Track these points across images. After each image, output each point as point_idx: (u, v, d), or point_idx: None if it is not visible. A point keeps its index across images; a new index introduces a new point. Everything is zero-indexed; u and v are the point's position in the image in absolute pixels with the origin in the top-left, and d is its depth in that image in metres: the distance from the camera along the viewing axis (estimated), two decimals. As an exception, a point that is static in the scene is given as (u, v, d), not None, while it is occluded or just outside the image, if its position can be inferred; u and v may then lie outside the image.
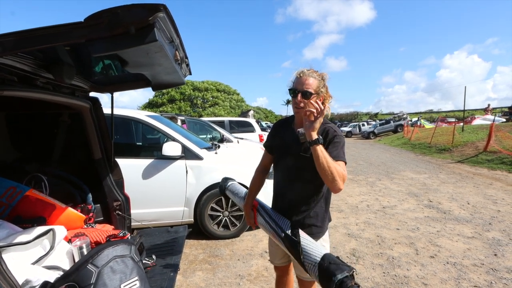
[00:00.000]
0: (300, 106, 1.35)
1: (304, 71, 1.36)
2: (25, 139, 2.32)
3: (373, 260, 2.88)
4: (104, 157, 2.19)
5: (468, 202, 4.79)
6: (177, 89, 25.75)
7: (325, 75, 1.40)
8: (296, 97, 1.35)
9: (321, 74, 1.39)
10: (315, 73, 1.36)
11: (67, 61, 1.51)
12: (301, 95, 1.33)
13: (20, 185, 1.77)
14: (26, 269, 1.27)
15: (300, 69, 1.39)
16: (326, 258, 1.15)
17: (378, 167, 8.67)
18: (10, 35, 1.00)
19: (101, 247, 1.32)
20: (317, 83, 1.34)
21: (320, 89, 1.35)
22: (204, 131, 8.10)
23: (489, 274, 2.58)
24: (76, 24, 1.00)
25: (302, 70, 1.37)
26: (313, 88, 1.33)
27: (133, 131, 3.93)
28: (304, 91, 1.32)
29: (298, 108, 1.37)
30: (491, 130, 9.42)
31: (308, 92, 1.32)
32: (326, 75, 1.40)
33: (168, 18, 1.13)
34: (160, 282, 1.60)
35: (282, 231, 1.37)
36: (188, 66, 1.81)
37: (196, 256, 3.03)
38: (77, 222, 1.88)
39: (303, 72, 1.36)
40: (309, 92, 1.32)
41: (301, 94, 1.33)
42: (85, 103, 1.99)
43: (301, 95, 1.33)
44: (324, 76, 1.39)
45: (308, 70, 1.37)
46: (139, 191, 3.10)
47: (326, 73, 1.41)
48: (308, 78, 1.33)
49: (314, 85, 1.33)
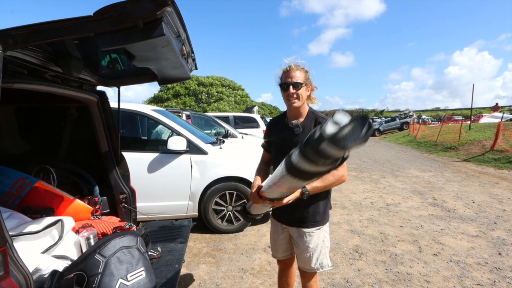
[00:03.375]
0: (293, 97, 1.44)
1: (291, 65, 1.46)
2: (33, 132, 2.36)
3: (376, 257, 2.88)
4: (110, 151, 2.22)
5: (473, 201, 4.75)
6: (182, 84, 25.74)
7: (309, 69, 1.50)
8: (288, 90, 1.44)
9: (304, 66, 1.49)
10: (300, 66, 1.47)
11: (75, 54, 1.53)
12: (292, 87, 1.43)
13: (29, 176, 1.80)
14: (36, 257, 1.31)
15: (287, 64, 1.48)
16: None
17: (382, 165, 8.63)
18: (20, 28, 1.01)
19: (108, 238, 1.35)
20: (304, 75, 1.45)
21: (307, 80, 1.47)
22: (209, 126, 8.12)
23: (493, 272, 2.57)
24: (85, 18, 1.01)
25: (289, 64, 1.47)
26: (301, 79, 1.44)
27: (138, 125, 3.96)
28: (294, 83, 1.43)
29: (291, 101, 1.45)
30: (499, 128, 9.28)
31: (298, 83, 1.43)
32: (309, 69, 1.51)
33: (176, 13, 1.13)
34: (165, 273, 1.63)
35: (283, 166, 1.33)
36: (194, 60, 1.81)
37: (200, 250, 3.07)
38: (84, 213, 1.92)
39: (289, 66, 1.46)
40: (298, 82, 1.43)
41: (292, 86, 1.43)
42: (93, 97, 2.02)
43: (292, 87, 1.43)
44: (308, 68, 1.50)
45: (294, 64, 1.47)
46: (145, 185, 3.14)
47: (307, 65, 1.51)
48: (295, 71, 1.44)
49: (302, 76, 1.44)
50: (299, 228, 1.53)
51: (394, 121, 25.41)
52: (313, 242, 1.51)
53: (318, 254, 1.53)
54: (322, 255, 1.54)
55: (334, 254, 2.94)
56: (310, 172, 1.03)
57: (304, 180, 1.12)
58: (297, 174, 1.07)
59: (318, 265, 1.54)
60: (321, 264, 1.55)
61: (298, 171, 1.04)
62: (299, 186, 1.31)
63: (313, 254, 1.52)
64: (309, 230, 1.52)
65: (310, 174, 1.06)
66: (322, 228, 1.55)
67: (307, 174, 1.05)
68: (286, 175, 1.10)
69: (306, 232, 1.52)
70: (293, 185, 1.20)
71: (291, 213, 1.53)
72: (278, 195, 1.31)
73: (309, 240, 1.51)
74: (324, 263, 1.56)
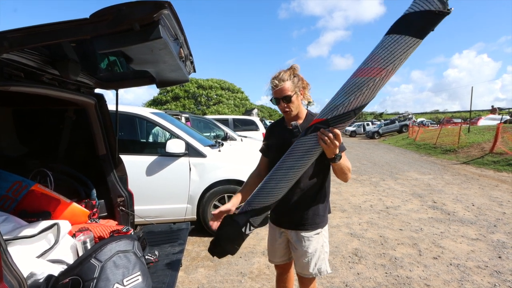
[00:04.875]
0: (286, 110, 1.46)
1: (275, 81, 1.42)
2: (31, 135, 2.35)
3: (375, 260, 2.87)
4: (108, 153, 2.20)
5: (473, 204, 4.74)
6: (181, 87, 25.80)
7: (295, 69, 1.47)
8: (279, 104, 1.46)
9: (290, 71, 1.45)
10: (285, 75, 1.43)
11: (72, 57, 1.52)
12: (283, 101, 1.44)
13: (25, 179, 1.79)
14: (31, 262, 1.29)
15: (272, 79, 1.44)
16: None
17: (382, 167, 8.62)
18: (17, 31, 1.01)
19: (105, 242, 1.33)
20: (290, 84, 1.42)
21: (295, 87, 1.43)
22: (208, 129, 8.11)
23: (493, 276, 2.56)
24: (82, 21, 1.01)
25: (273, 80, 1.43)
26: (290, 90, 1.42)
27: (137, 128, 3.95)
28: (283, 97, 1.42)
29: (285, 112, 1.48)
30: (498, 131, 9.29)
31: (287, 96, 1.42)
32: (296, 67, 1.47)
33: (173, 15, 1.13)
34: (162, 277, 1.61)
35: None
36: (192, 63, 1.81)
37: (198, 253, 3.05)
38: (81, 217, 1.90)
39: (273, 82, 1.43)
40: (288, 96, 1.42)
41: (282, 100, 1.43)
42: (90, 99, 2.01)
43: (282, 101, 1.44)
44: (294, 71, 1.46)
45: (278, 76, 1.43)
46: (143, 188, 3.12)
47: (296, 65, 1.48)
48: (281, 84, 1.41)
49: (289, 87, 1.42)
50: (298, 231, 1.52)
51: (393, 124, 25.45)
52: (311, 247, 1.50)
53: (316, 259, 1.51)
54: (321, 260, 1.53)
55: (334, 257, 2.92)
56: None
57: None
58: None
59: (317, 271, 1.53)
60: (320, 270, 1.53)
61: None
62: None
63: (312, 259, 1.51)
64: (308, 235, 1.50)
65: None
66: (321, 232, 1.53)
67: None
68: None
69: (305, 236, 1.50)
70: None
71: (291, 214, 1.52)
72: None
73: (308, 245, 1.50)
74: (323, 268, 1.54)
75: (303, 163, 1.27)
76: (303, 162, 1.26)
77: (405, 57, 1.10)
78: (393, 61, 1.09)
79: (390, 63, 1.09)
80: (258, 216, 1.36)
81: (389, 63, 1.09)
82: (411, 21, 1.06)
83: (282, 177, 1.29)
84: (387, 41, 1.10)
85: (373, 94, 1.15)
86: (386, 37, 1.11)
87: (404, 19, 1.08)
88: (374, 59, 1.11)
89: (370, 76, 1.11)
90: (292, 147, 1.30)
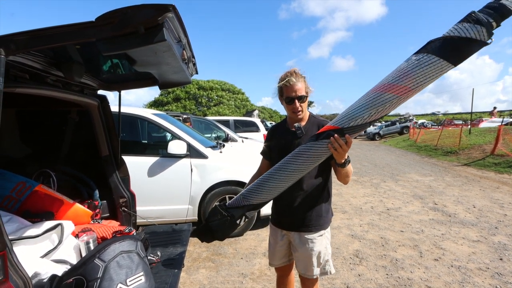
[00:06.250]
0: (300, 110, 1.47)
1: (292, 78, 1.44)
2: (34, 136, 2.37)
3: (376, 262, 2.87)
4: (111, 154, 2.22)
5: (474, 206, 4.74)
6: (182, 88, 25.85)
7: (303, 71, 1.51)
8: (294, 103, 1.46)
9: (302, 74, 1.49)
10: (298, 76, 1.46)
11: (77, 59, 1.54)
12: (298, 100, 1.45)
13: (29, 180, 1.80)
14: (35, 262, 1.31)
15: (286, 76, 1.47)
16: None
17: (383, 169, 8.61)
18: (23, 34, 1.02)
19: (108, 242, 1.34)
20: (304, 85, 1.47)
21: (307, 88, 1.49)
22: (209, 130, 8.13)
23: (494, 278, 2.55)
24: (87, 24, 1.02)
25: (290, 77, 1.45)
26: (304, 91, 1.46)
27: (139, 129, 3.97)
28: (299, 96, 1.45)
29: (296, 113, 1.49)
30: (499, 133, 9.28)
31: (303, 96, 1.46)
32: (304, 72, 1.51)
33: (177, 18, 1.14)
34: (164, 278, 1.62)
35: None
36: (195, 65, 1.82)
37: (199, 254, 3.06)
38: (84, 217, 1.91)
39: (291, 79, 1.44)
40: (303, 96, 1.46)
41: (297, 100, 1.45)
42: (93, 101, 2.02)
43: (297, 101, 1.45)
44: (303, 72, 1.50)
45: (293, 75, 1.45)
46: (145, 189, 3.13)
47: (303, 71, 1.51)
48: (297, 84, 1.44)
49: (303, 88, 1.46)
50: (302, 233, 1.52)
51: (394, 125, 25.43)
52: (315, 248, 1.50)
53: (320, 261, 1.52)
54: (325, 261, 1.54)
55: (335, 259, 2.93)
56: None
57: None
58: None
59: (321, 271, 1.54)
60: (324, 270, 1.54)
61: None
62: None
63: (316, 260, 1.51)
64: (311, 237, 1.51)
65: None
66: (324, 234, 1.54)
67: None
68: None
69: (309, 238, 1.51)
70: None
71: (294, 216, 1.53)
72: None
73: (312, 247, 1.50)
74: (327, 269, 1.55)
75: (308, 166, 1.29)
76: (308, 165, 1.28)
77: (433, 81, 1.07)
78: (423, 84, 1.06)
79: (420, 85, 1.07)
80: (254, 210, 1.45)
81: (419, 84, 1.06)
82: (457, 47, 1.01)
83: (286, 177, 1.30)
84: (425, 61, 1.04)
85: (392, 109, 1.15)
86: (424, 56, 1.05)
87: (451, 43, 1.02)
88: (408, 76, 1.06)
89: (397, 94, 1.10)
90: (298, 149, 1.30)
